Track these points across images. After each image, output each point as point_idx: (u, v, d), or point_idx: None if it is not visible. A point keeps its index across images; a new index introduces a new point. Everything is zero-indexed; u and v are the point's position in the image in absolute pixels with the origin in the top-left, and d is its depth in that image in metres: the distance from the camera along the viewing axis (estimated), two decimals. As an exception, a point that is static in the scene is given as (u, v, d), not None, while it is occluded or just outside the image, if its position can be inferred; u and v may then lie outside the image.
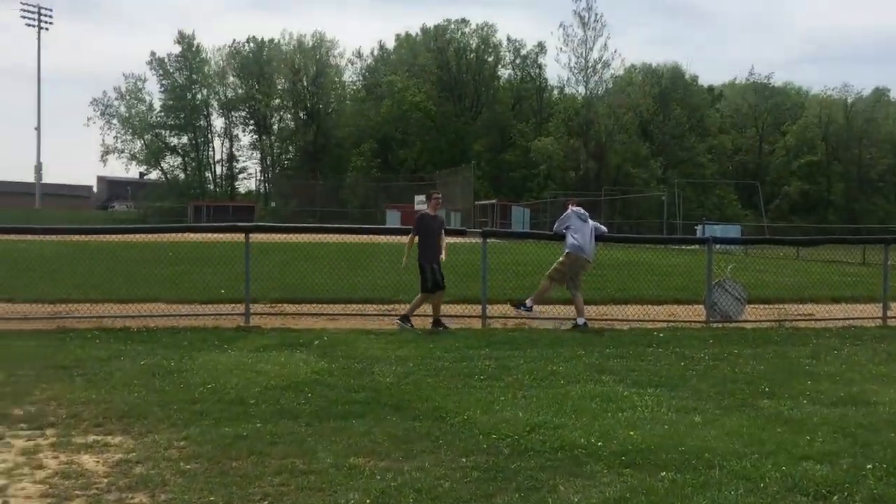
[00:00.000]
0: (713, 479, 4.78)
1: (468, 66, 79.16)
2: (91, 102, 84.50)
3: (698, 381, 7.52)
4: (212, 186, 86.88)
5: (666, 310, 12.85)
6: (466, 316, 11.29)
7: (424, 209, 11.26)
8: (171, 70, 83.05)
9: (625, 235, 34.52)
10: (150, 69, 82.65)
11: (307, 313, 11.50)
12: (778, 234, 45.73)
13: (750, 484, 4.71)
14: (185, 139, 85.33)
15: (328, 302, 12.61)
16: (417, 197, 64.02)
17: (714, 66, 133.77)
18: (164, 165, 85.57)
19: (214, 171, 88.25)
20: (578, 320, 10.95)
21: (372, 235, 12.48)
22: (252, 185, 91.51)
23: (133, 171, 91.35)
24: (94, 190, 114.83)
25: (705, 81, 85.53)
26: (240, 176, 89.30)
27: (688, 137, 75.54)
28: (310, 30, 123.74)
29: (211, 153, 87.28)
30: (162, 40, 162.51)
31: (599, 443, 5.44)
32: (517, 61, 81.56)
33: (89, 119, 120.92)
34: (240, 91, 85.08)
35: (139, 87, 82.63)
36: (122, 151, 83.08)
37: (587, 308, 12.38)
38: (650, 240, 23.01)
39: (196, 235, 16.11)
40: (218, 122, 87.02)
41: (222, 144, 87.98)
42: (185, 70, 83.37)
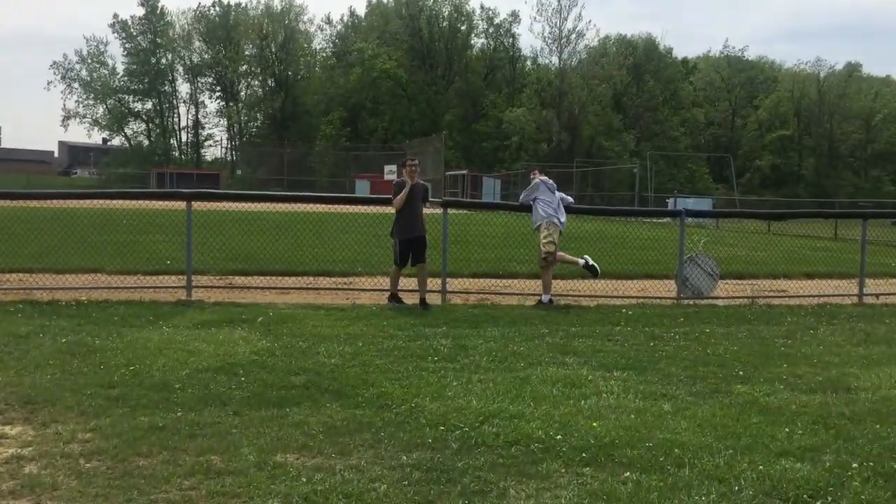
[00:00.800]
0: (682, 480, 4.24)
1: (440, 34, 78.02)
2: (51, 65, 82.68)
3: (668, 364, 7.00)
4: (177, 153, 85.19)
5: (636, 285, 12.37)
6: (427, 291, 10.64)
7: (400, 179, 10.16)
8: (135, 33, 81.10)
9: (595, 207, 34.15)
10: (113, 32, 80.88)
11: (256, 287, 10.82)
12: (749, 207, 45.54)
13: (723, 487, 4.17)
14: (149, 105, 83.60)
15: (281, 274, 11.95)
16: (387, 166, 63.24)
17: (688, 39, 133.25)
18: (128, 131, 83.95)
19: (180, 138, 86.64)
20: (543, 297, 10.39)
21: (332, 205, 11.70)
22: (219, 152, 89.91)
23: (95, 137, 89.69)
24: (56, 155, 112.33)
25: (680, 54, 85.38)
26: (206, 143, 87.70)
27: (661, 110, 75.36)
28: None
29: (176, 119, 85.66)
30: (125, 2, 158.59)
31: (558, 436, 4.88)
32: (490, 30, 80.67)
33: (49, 83, 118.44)
34: (206, 56, 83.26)
35: (101, 50, 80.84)
36: (84, 116, 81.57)
37: (553, 282, 11.87)
38: (621, 212, 22.42)
39: (158, 203, 15.37)
40: (183, 88, 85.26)
41: (188, 111, 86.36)
42: (149, 34, 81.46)
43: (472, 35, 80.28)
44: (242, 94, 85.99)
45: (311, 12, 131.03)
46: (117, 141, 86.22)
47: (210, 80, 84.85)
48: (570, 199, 11.48)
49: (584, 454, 4.59)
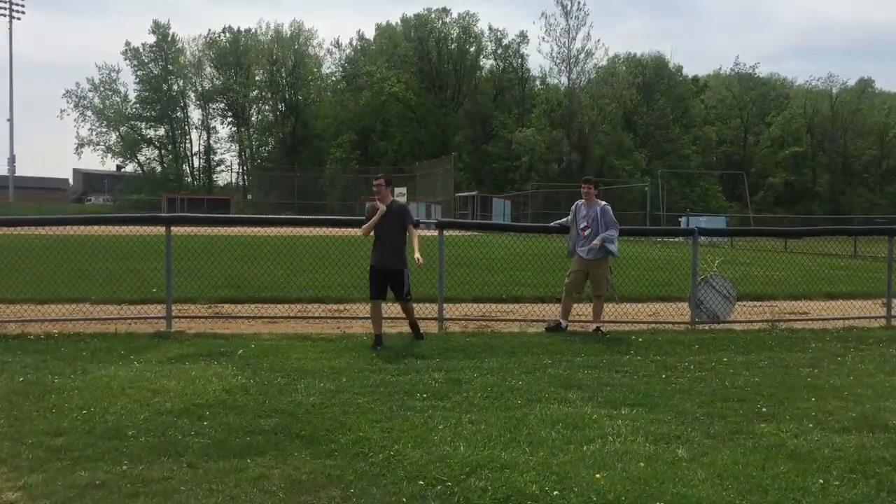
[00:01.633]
0: (701, 548, 3.58)
1: (449, 56, 77.81)
2: (64, 94, 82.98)
3: (682, 399, 6.32)
4: (189, 179, 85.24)
5: (647, 308, 11.68)
6: (420, 318, 9.95)
7: (372, 202, 8.78)
8: (146, 60, 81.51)
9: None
10: (125, 59, 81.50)
11: (243, 316, 10.22)
12: (763, 225, 44.70)
13: (751, 556, 3.52)
14: (161, 131, 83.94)
15: (273, 302, 11.35)
16: (397, 189, 62.86)
17: (699, 57, 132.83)
18: (141, 158, 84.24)
19: (192, 164, 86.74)
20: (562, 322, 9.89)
21: (327, 227, 11.04)
22: (230, 177, 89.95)
23: (109, 164, 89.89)
24: (71, 183, 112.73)
25: (690, 72, 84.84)
26: (217, 168, 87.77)
27: (672, 128, 74.72)
28: (287, 19, 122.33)
29: (188, 145, 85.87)
30: (137, 31, 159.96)
31: (556, 491, 4.23)
32: (499, 51, 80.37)
33: (63, 111, 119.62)
34: (217, 82, 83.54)
35: (113, 77, 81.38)
36: (98, 144, 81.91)
37: (557, 306, 11.20)
38: (632, 231, 21.70)
39: (153, 229, 14.81)
40: (195, 114, 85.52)
41: (199, 136, 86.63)
42: (161, 60, 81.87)
43: (481, 56, 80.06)
44: (253, 118, 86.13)
45: (321, 37, 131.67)
46: (130, 167, 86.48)
47: (221, 105, 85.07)
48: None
49: (584, 515, 3.94)
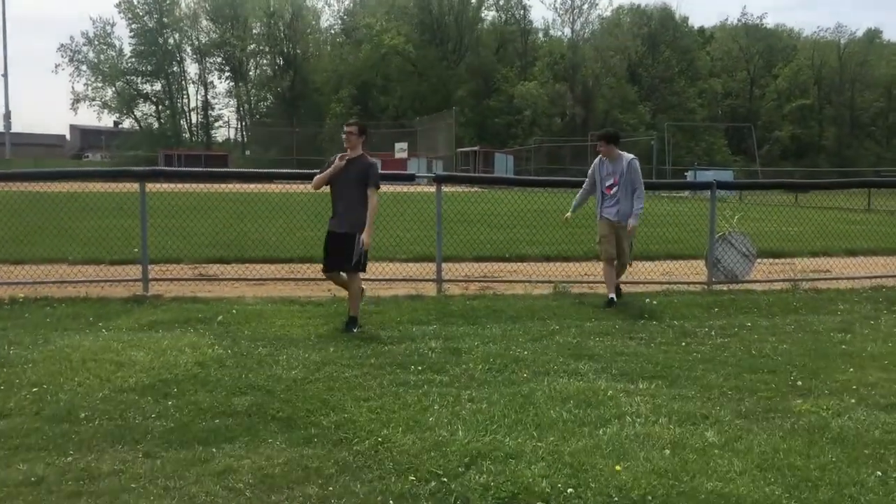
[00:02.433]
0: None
1: (450, 7, 76.08)
2: (59, 48, 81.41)
3: (706, 370, 5.69)
4: (187, 135, 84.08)
5: (659, 267, 11.03)
6: (417, 279, 9.31)
7: (338, 154, 7.05)
8: (141, 13, 79.74)
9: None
10: (119, 12, 79.60)
11: (228, 277, 9.56)
12: (771, 178, 43.84)
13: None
14: (157, 86, 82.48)
15: (263, 262, 10.70)
16: (398, 144, 61.88)
17: (705, 8, 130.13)
18: (138, 113, 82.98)
19: (189, 120, 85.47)
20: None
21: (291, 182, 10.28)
22: (229, 133, 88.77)
23: (105, 120, 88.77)
24: (68, 139, 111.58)
25: (696, 23, 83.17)
26: (216, 124, 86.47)
27: (677, 81, 73.38)
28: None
29: (185, 101, 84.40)
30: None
31: (570, 488, 3.60)
32: (501, 2, 78.52)
33: (57, 66, 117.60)
34: (213, 36, 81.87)
35: (108, 31, 79.65)
36: (94, 99, 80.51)
37: (565, 265, 10.55)
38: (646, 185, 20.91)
39: (168, 185, 14.07)
40: (192, 69, 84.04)
41: (197, 92, 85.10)
42: (156, 13, 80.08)
43: (483, 8, 78.27)
44: (251, 73, 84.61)
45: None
46: (127, 123, 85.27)
47: (218, 60, 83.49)
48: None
49: (604, 519, 3.32)
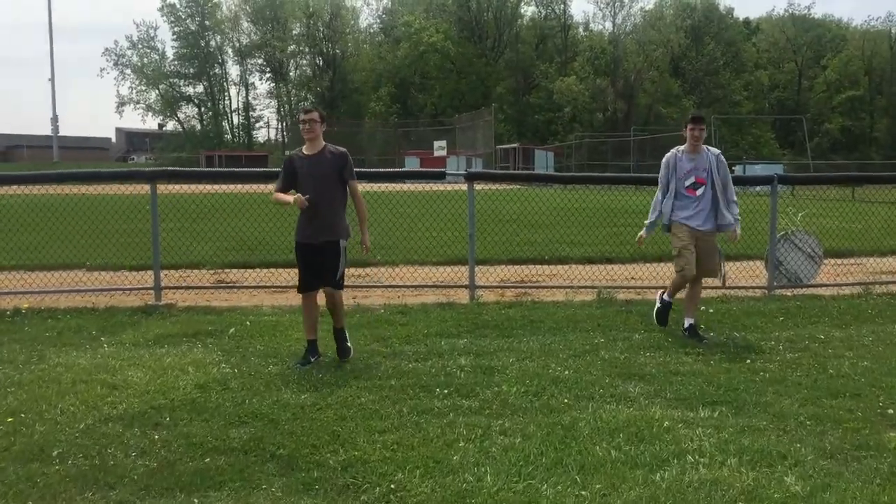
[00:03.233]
0: None
1: (489, 4, 75.35)
2: (104, 52, 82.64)
3: (777, 394, 4.93)
4: (229, 136, 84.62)
5: (711, 269, 10.19)
6: (448, 286, 8.63)
7: (293, 151, 6.01)
8: (183, 16, 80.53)
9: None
10: (162, 16, 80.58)
11: (247, 285, 8.96)
12: (823, 171, 42.33)
13: None
14: (200, 88, 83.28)
15: (283, 266, 10.13)
16: (437, 142, 61.31)
17: (750, 0, 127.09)
18: (181, 115, 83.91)
19: (231, 121, 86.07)
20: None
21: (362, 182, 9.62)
22: (270, 134, 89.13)
23: (150, 123, 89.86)
24: (114, 142, 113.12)
25: (741, 14, 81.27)
26: (257, 125, 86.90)
27: (722, 74, 71.79)
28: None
29: (227, 102, 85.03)
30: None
31: (621, 558, 2.91)
32: (541, -3, 77.46)
33: (102, 70, 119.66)
34: (254, 37, 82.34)
35: (151, 35, 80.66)
36: (138, 102, 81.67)
37: (609, 269, 9.79)
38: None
39: (195, 187, 13.67)
40: (233, 70, 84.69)
41: (238, 93, 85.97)
42: (198, 16, 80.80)
43: (522, 3, 77.37)
44: (291, 74, 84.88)
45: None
46: (171, 125, 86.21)
47: (259, 61, 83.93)
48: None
49: None
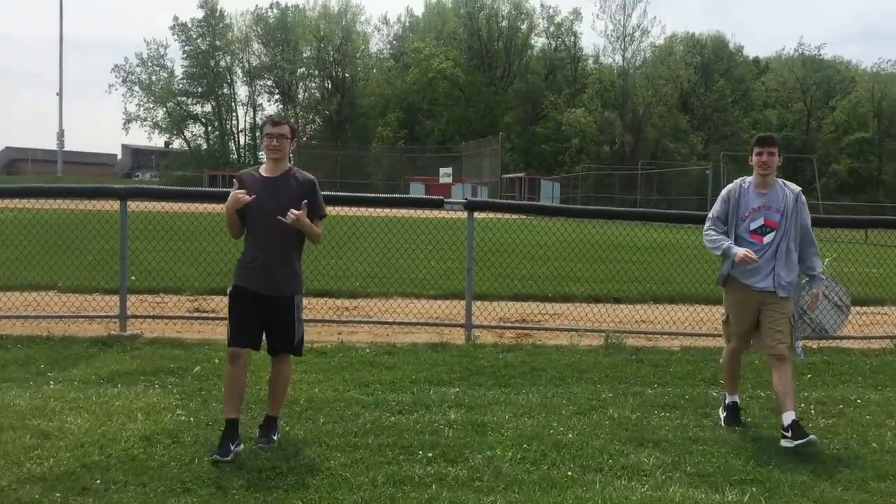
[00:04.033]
0: None
1: (500, 33, 75.33)
2: (113, 68, 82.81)
3: (815, 474, 4.21)
4: (235, 156, 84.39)
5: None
6: (442, 324, 7.91)
7: (247, 170, 4.65)
8: (194, 36, 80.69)
9: (673, 212, 30.49)
10: (173, 34, 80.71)
11: (222, 317, 8.26)
12: (834, 213, 41.72)
13: None
14: (208, 107, 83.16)
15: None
16: (442, 169, 60.82)
17: (760, 38, 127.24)
18: (187, 134, 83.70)
19: (237, 141, 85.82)
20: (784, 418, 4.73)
21: (361, 207, 8.76)
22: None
23: (156, 140, 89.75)
24: (119, 158, 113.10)
25: (751, 53, 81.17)
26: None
27: (731, 111, 71.36)
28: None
29: (234, 122, 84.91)
30: (185, 5, 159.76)
31: None
32: (551, 29, 77.33)
33: (111, 86, 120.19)
34: (264, 58, 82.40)
35: (161, 53, 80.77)
36: (145, 119, 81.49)
37: (617, 309, 9.08)
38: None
39: (184, 206, 13.05)
40: (242, 91, 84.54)
41: (245, 113, 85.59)
42: (209, 36, 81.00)
43: (533, 34, 77.30)
44: (300, 96, 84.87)
45: (368, 13, 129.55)
46: (177, 144, 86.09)
47: (268, 82, 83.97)
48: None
49: None
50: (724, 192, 5.11)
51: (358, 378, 5.85)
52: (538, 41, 78.43)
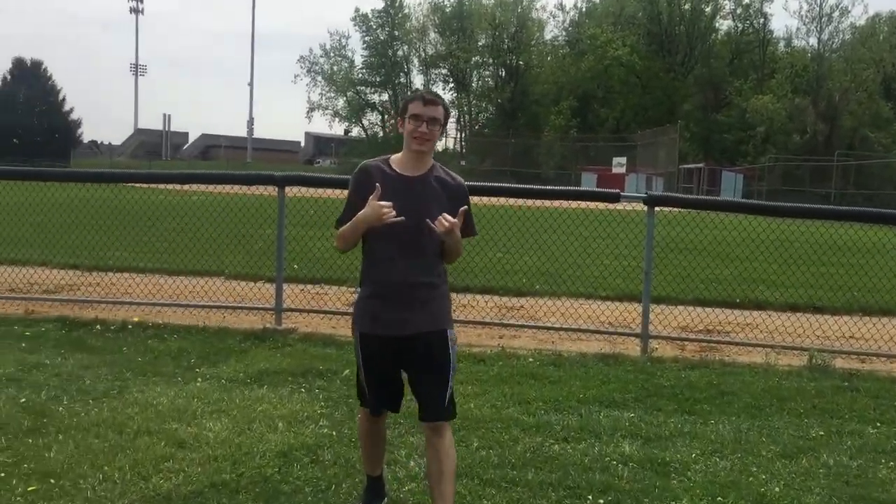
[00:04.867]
0: None
1: (681, 17, 72.00)
2: (298, 59, 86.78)
3: None
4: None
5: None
6: (615, 332, 7.10)
7: (375, 161, 3.36)
8: (374, 26, 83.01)
9: (864, 210, 27.59)
10: (354, 25, 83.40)
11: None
12: None
13: None
14: (385, 96, 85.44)
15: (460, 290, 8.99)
16: (616, 159, 58.95)
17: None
18: (365, 122, 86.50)
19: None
20: None
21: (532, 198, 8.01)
22: (446, 143, 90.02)
23: (336, 128, 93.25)
24: (302, 146, 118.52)
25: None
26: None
27: (943, 97, 64.46)
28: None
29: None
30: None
31: None
32: (738, 11, 72.95)
33: (296, 76, 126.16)
34: (440, 47, 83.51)
35: (343, 43, 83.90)
36: (326, 108, 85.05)
37: (821, 320, 7.87)
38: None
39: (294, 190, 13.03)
40: (417, 80, 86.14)
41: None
42: (388, 26, 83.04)
43: (718, 17, 73.28)
44: (474, 84, 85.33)
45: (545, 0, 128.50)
46: (356, 132, 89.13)
47: (443, 71, 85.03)
48: None
49: None
50: None
51: (518, 393, 5.21)
52: (723, 24, 74.36)
